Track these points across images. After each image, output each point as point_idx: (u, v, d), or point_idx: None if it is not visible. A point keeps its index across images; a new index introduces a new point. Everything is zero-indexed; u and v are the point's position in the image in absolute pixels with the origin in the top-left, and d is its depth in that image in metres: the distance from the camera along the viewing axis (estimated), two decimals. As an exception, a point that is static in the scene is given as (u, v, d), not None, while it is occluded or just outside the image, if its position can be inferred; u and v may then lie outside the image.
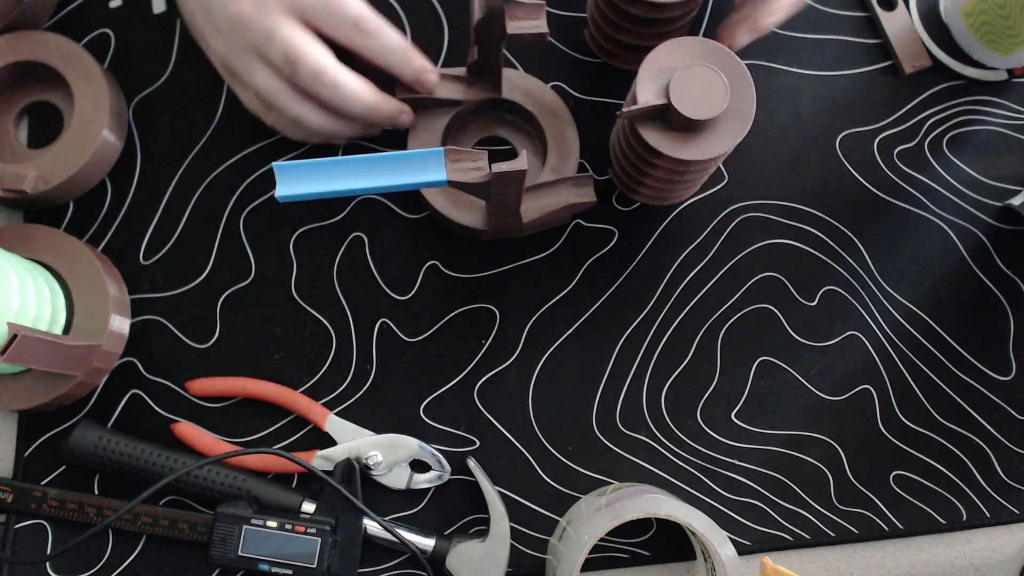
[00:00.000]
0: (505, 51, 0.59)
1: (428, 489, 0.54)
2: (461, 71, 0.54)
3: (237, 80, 0.52)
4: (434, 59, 0.59)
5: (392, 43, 0.50)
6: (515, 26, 0.47)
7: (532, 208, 0.53)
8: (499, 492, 0.53)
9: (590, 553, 0.53)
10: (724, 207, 0.58)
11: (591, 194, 0.54)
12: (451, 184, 0.44)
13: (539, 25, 0.47)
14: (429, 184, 0.44)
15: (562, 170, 0.55)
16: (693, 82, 0.46)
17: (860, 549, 0.55)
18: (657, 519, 0.54)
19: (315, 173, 0.42)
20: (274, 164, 0.42)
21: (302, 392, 0.54)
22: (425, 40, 0.59)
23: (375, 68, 0.51)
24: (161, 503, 0.53)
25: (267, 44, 0.48)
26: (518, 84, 0.55)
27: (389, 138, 0.57)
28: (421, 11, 0.59)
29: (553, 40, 0.59)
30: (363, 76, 0.50)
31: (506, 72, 0.54)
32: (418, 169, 0.43)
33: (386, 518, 0.53)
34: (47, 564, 0.52)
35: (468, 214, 0.54)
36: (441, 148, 0.44)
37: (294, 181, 0.42)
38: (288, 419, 0.55)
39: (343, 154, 0.57)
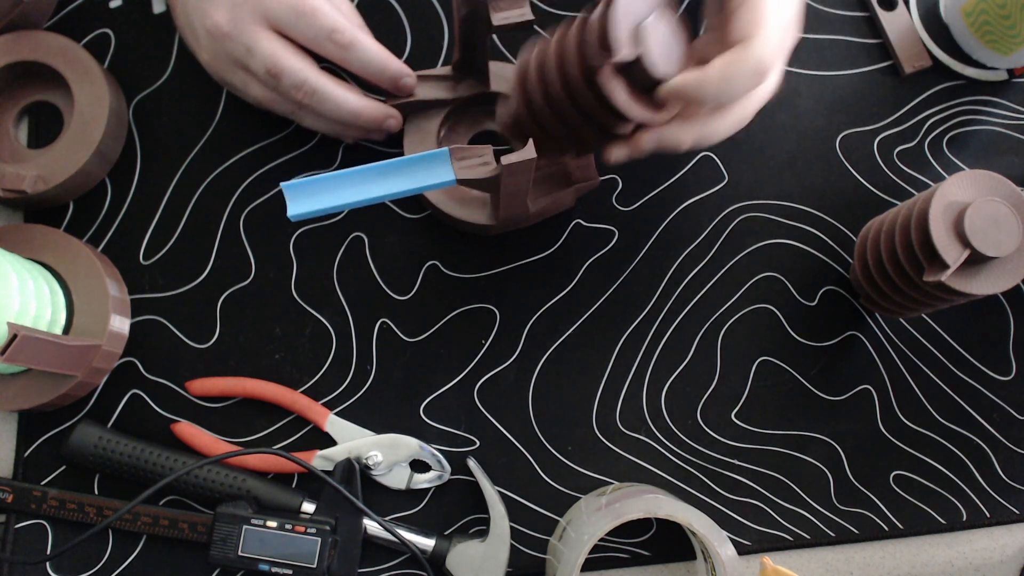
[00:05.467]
0: (506, 51, 0.59)
1: (428, 489, 0.54)
2: (447, 70, 0.54)
3: (235, 88, 0.53)
4: (434, 59, 0.59)
5: (368, 52, 0.50)
6: (500, 17, 0.47)
7: (537, 195, 0.53)
8: (499, 492, 0.53)
9: (590, 553, 0.53)
10: (724, 207, 0.58)
11: (594, 173, 0.53)
12: (460, 183, 0.44)
13: (524, 13, 0.47)
14: (438, 185, 0.44)
15: None
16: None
17: (860, 549, 0.55)
18: (657, 519, 0.54)
19: (323, 188, 0.42)
20: (282, 184, 0.42)
21: (302, 392, 0.54)
22: (425, 40, 0.59)
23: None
24: (161, 503, 0.53)
25: (249, 59, 0.49)
26: (504, 75, 0.55)
27: (391, 140, 0.57)
28: (421, 11, 0.59)
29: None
30: (351, 81, 0.51)
31: (491, 65, 0.54)
32: (426, 172, 0.43)
33: (386, 518, 0.53)
34: (47, 564, 0.52)
35: (473, 211, 0.53)
36: (446, 148, 0.43)
37: (303, 198, 0.42)
38: (288, 419, 0.55)
39: (343, 162, 0.57)
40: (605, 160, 0.47)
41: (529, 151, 0.43)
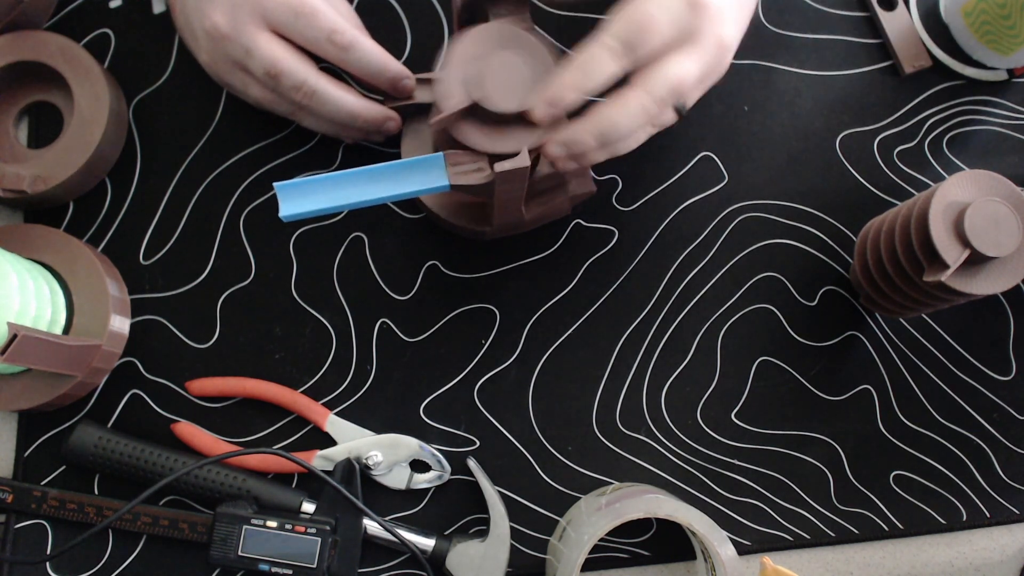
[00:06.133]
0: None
1: (428, 489, 0.54)
2: None
3: (235, 89, 0.53)
4: (433, 59, 0.59)
5: (367, 54, 0.50)
6: (497, 17, 0.47)
7: (534, 203, 0.53)
8: (499, 492, 0.53)
9: (590, 553, 0.53)
10: (724, 207, 0.58)
11: (590, 183, 0.53)
12: (453, 188, 0.44)
13: (523, 20, 0.47)
14: (432, 190, 0.44)
15: None
16: (502, 73, 0.44)
17: (860, 549, 0.55)
18: (657, 519, 0.54)
19: (316, 189, 0.42)
20: (275, 184, 0.42)
21: (302, 392, 0.54)
22: (424, 40, 0.59)
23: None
24: (161, 503, 0.53)
25: (248, 60, 0.49)
26: None
27: (392, 141, 0.57)
28: (421, 12, 0.59)
29: (554, 41, 0.59)
30: (351, 82, 0.51)
31: None
32: (419, 176, 0.43)
33: (386, 518, 0.53)
34: (47, 564, 0.52)
35: (469, 215, 0.53)
36: (440, 153, 0.43)
37: (296, 199, 0.42)
38: (288, 419, 0.55)
39: (344, 162, 0.57)
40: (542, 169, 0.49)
41: (523, 159, 0.43)
